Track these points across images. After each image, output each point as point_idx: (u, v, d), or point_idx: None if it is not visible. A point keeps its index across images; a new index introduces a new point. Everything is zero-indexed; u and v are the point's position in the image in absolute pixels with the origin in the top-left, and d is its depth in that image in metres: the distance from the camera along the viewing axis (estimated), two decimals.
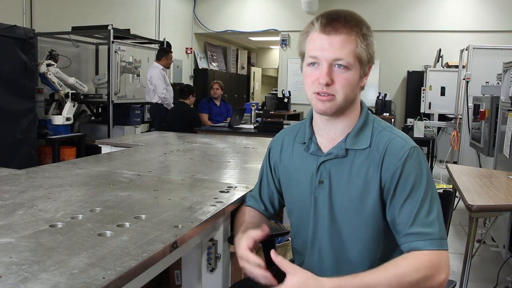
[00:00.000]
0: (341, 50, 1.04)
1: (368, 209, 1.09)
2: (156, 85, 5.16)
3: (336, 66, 1.05)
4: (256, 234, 1.10)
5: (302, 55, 1.12)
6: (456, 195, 2.15)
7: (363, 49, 1.06)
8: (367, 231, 1.10)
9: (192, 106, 5.13)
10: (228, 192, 1.50)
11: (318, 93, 1.07)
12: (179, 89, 5.29)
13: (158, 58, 5.36)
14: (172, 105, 5.25)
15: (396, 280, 0.96)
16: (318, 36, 1.06)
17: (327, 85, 1.05)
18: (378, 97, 7.27)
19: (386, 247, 1.11)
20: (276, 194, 1.32)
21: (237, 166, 2.06)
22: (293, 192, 1.22)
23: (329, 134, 1.15)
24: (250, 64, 12.45)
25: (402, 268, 0.98)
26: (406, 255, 1.02)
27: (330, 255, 1.15)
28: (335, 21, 1.05)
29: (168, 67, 5.41)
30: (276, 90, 8.78)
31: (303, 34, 1.11)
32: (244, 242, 1.08)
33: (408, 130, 5.19)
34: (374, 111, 6.64)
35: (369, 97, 7.86)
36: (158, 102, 5.22)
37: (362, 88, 1.14)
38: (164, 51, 5.41)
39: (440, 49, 7.45)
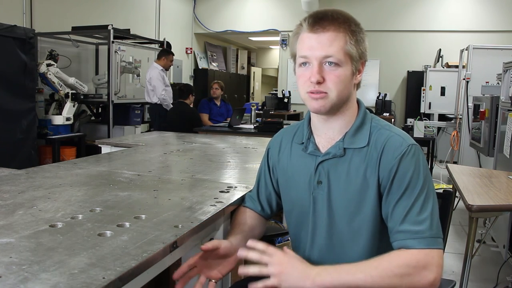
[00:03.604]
0: (330, 47, 1.04)
1: (367, 208, 1.08)
2: (155, 86, 5.16)
3: (327, 63, 1.05)
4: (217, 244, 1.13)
5: (294, 57, 1.13)
6: (456, 195, 2.15)
7: (353, 45, 1.06)
8: (366, 231, 1.10)
9: (192, 106, 5.13)
10: (228, 192, 1.50)
11: (311, 92, 1.07)
12: (178, 89, 5.30)
13: (158, 58, 5.39)
14: (171, 106, 5.26)
15: (378, 275, 0.96)
16: (307, 36, 1.07)
17: (319, 83, 1.05)
18: (378, 97, 7.27)
19: (386, 246, 1.11)
20: (274, 195, 1.31)
21: (237, 166, 2.06)
22: (291, 193, 1.22)
23: (327, 134, 1.15)
24: (250, 64, 12.44)
25: (384, 264, 0.98)
26: (393, 251, 1.02)
27: (330, 255, 1.15)
28: (322, 19, 1.05)
29: (167, 69, 5.42)
30: (276, 90, 8.78)
31: (293, 35, 1.12)
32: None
33: (408, 130, 5.20)
34: (374, 111, 6.71)
35: (369, 97, 7.87)
36: (158, 102, 5.22)
37: (358, 85, 1.14)
38: (165, 52, 5.43)
39: (440, 49, 7.45)
